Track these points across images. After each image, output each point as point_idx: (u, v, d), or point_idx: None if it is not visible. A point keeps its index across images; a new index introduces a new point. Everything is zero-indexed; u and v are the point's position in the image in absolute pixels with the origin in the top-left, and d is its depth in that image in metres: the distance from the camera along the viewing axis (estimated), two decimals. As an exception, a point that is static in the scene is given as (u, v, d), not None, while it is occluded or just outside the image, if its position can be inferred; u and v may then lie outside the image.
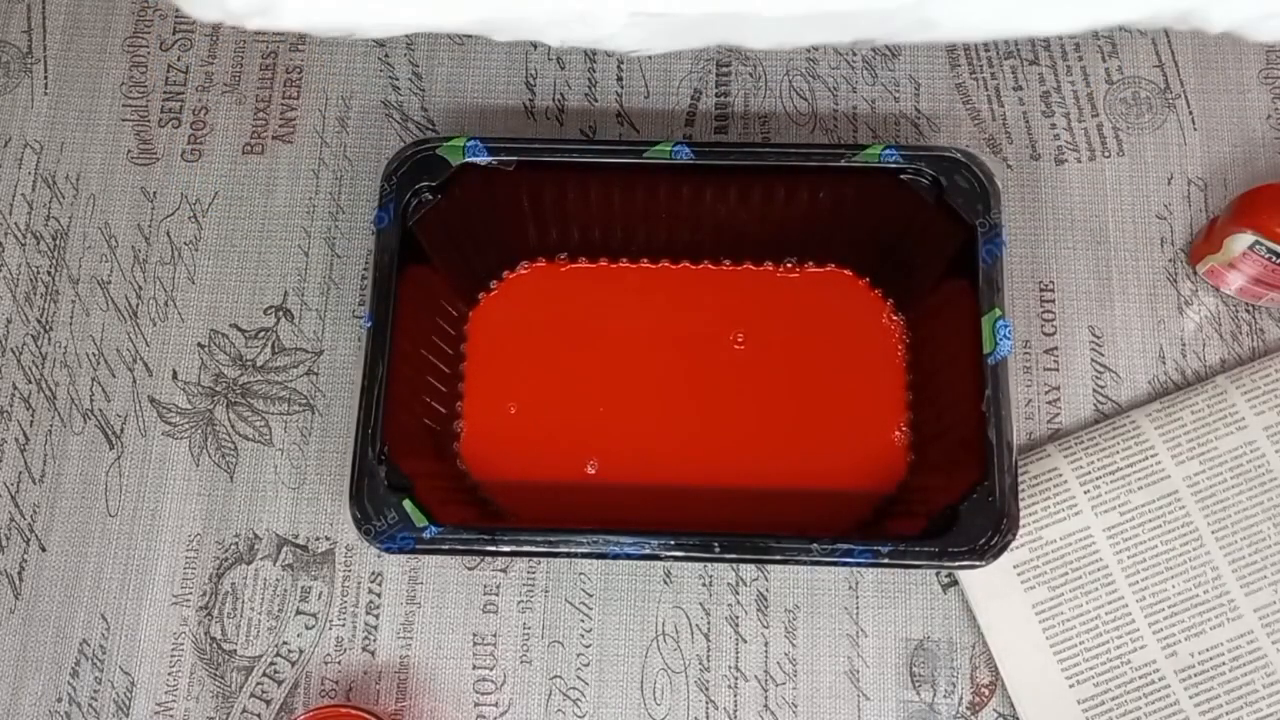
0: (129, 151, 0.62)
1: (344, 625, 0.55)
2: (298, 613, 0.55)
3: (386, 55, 0.63)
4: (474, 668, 0.55)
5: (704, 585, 0.55)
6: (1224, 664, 0.52)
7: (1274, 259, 0.54)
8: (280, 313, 0.59)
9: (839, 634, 0.55)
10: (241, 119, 0.62)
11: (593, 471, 0.56)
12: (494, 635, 0.55)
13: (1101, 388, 0.57)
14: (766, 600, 0.55)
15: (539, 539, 0.48)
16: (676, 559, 0.49)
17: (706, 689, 0.54)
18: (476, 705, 0.54)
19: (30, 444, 0.58)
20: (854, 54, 0.62)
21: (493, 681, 0.55)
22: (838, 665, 0.54)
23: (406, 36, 0.63)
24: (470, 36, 0.63)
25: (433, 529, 0.48)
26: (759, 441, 0.56)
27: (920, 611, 0.55)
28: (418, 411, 0.54)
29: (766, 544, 0.48)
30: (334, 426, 0.58)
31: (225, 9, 0.39)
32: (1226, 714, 0.52)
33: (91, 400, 0.58)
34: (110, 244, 0.60)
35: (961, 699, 0.54)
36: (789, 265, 0.58)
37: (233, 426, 0.58)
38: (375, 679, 0.55)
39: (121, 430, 0.58)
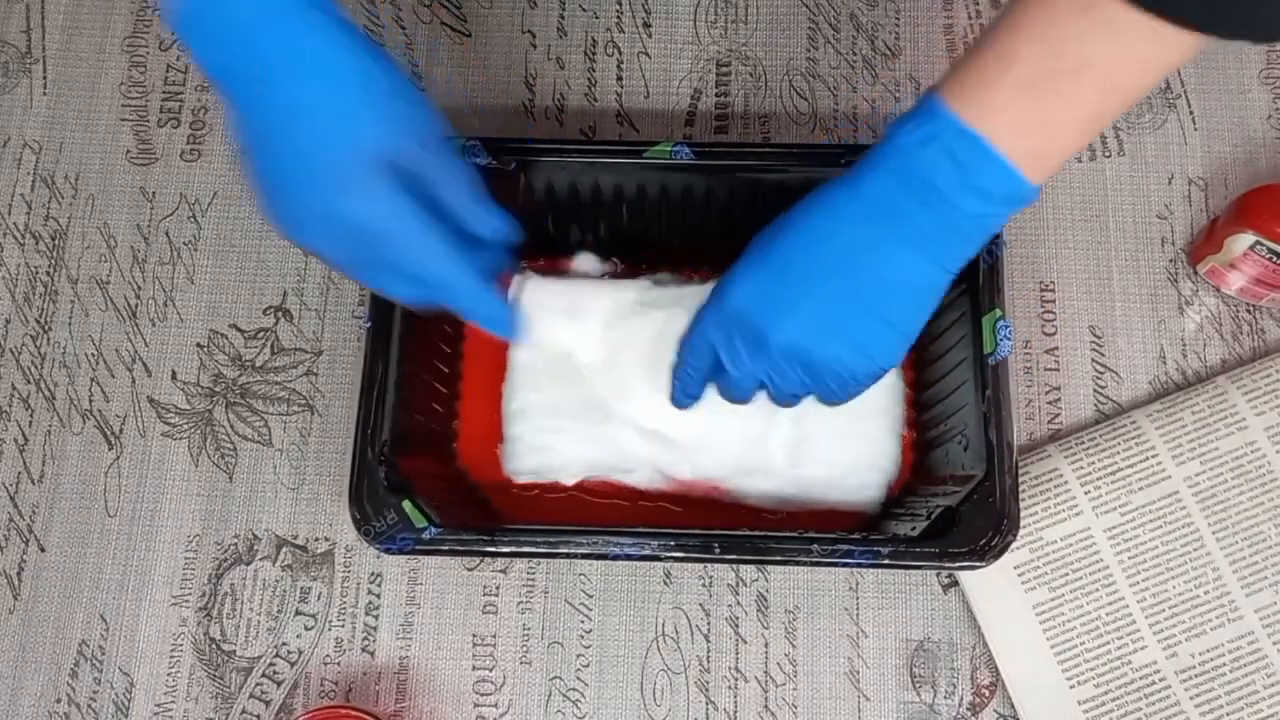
0: (128, 151, 0.62)
1: (343, 626, 0.55)
2: (297, 613, 0.55)
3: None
4: (473, 668, 0.55)
5: (704, 586, 0.55)
6: (1225, 665, 0.52)
7: (1275, 259, 0.53)
8: (279, 313, 0.59)
9: (839, 635, 0.55)
10: (241, 119, 0.62)
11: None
12: (493, 636, 0.55)
13: (1102, 388, 0.57)
14: (767, 601, 0.55)
15: (539, 539, 0.48)
16: (676, 559, 0.49)
17: (706, 690, 0.54)
18: (476, 706, 0.54)
19: (29, 444, 0.57)
20: (854, 54, 0.62)
21: (492, 682, 0.54)
22: (838, 666, 0.54)
23: (405, 36, 0.63)
24: (469, 35, 0.63)
25: (432, 530, 0.48)
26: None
27: (920, 612, 0.55)
28: (417, 412, 0.54)
29: (767, 544, 0.48)
30: (333, 427, 0.57)
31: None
32: (1227, 714, 0.52)
33: (90, 401, 0.58)
34: (109, 244, 0.60)
35: (962, 700, 0.54)
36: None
37: (232, 427, 0.58)
38: (375, 680, 0.54)
39: (120, 431, 0.58)
